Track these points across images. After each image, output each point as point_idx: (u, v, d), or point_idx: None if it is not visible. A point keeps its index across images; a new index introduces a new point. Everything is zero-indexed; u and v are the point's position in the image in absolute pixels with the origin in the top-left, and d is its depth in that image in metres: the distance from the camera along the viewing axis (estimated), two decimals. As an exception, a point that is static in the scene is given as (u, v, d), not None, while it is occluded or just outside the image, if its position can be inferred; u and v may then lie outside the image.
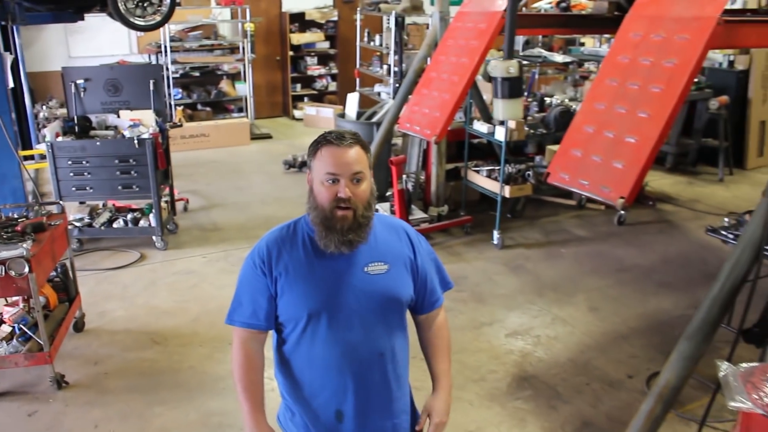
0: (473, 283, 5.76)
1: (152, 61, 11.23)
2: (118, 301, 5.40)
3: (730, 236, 4.57)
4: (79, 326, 4.89)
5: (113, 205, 6.69)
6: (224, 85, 11.89)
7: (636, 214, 7.66)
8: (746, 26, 3.71)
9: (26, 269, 3.85)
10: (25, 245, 3.91)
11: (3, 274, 3.83)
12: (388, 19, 9.98)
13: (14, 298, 4.47)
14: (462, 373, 4.39)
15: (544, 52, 7.37)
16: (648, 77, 3.46)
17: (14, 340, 4.23)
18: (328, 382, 2.16)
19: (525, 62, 7.04)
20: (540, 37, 9.79)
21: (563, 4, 5.90)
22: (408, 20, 9.86)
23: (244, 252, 6.30)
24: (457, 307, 5.28)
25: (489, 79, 7.51)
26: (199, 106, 11.68)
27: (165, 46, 10.85)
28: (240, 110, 12.06)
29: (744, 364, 2.87)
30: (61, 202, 4.81)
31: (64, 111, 10.50)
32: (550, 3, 6.68)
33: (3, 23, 6.28)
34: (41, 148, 6.83)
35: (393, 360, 2.20)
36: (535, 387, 4.29)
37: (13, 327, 4.30)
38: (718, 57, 10.46)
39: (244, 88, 11.80)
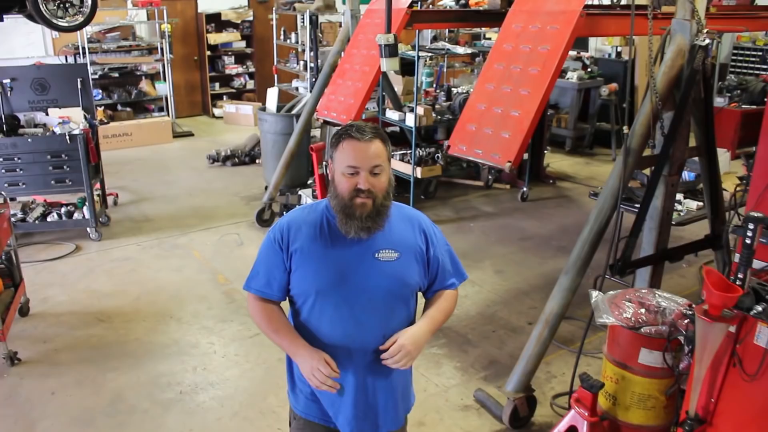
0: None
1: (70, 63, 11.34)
2: (58, 287, 5.71)
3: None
4: (24, 311, 5.20)
5: (44, 200, 6.95)
6: (144, 85, 12.10)
7: (538, 192, 8.41)
8: (604, 18, 4.41)
9: (-20, 252, 4.18)
10: (-23, 230, 4.24)
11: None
12: (303, 18, 10.45)
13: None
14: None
15: (448, 45, 8.01)
16: (527, 61, 4.10)
17: (-34, 322, 4.54)
18: (334, 356, 2.26)
19: (429, 54, 7.66)
20: (447, 32, 10.49)
21: (462, 2, 6.53)
22: (322, 19, 10.37)
23: (177, 239, 6.82)
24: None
25: (403, 72, 8.14)
26: (119, 107, 11.84)
27: (83, 48, 10.99)
28: (161, 110, 12.28)
29: (610, 292, 3.55)
30: (2, 193, 5.08)
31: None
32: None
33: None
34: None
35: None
36: (448, 336, 4.88)
37: (-37, 310, 4.60)
38: (607, 48, 11.40)
39: (164, 88, 12.05)
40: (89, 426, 3.90)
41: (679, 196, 5.22)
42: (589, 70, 10.58)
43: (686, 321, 3.10)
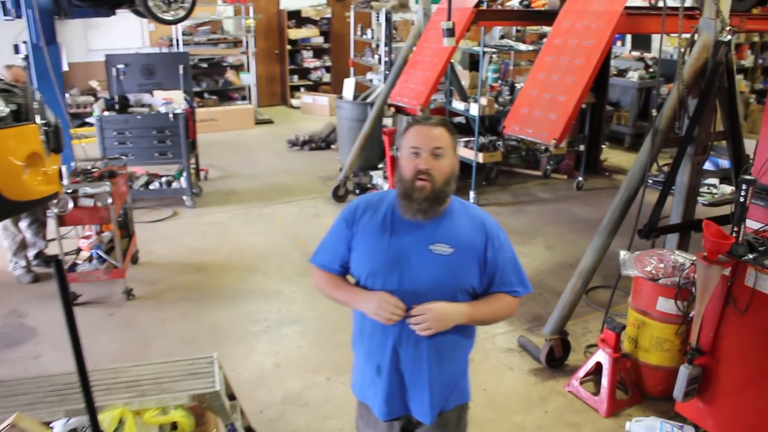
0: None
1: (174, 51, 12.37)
2: (161, 243, 6.61)
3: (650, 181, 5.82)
4: (135, 259, 6.10)
5: (146, 172, 7.90)
6: (230, 75, 13.10)
7: (593, 182, 8.94)
8: (643, 17, 5.00)
9: (109, 201, 5.06)
10: (107, 184, 5.13)
11: (92, 205, 5.05)
12: (378, 15, 11.21)
13: (87, 233, 5.68)
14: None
15: (512, 43, 8.63)
16: (574, 54, 4.73)
17: (93, 262, 5.45)
18: (373, 337, 2.39)
19: (494, 51, 8.31)
20: (514, 31, 11.09)
21: (525, 2, 7.17)
22: (396, 17, 11.10)
23: (261, 209, 7.80)
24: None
25: (471, 67, 8.81)
26: (206, 95, 12.86)
27: (177, 40, 12.02)
28: (243, 98, 13.25)
29: (637, 252, 4.17)
30: (123, 157, 5.99)
31: (84, 98, 11.72)
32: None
33: (56, 17, 7.41)
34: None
35: (436, 337, 2.30)
36: (498, 296, 5.54)
37: (91, 253, 5.52)
38: (669, 49, 11.78)
39: (247, 78, 13.03)
40: (193, 346, 4.72)
41: (714, 181, 5.74)
42: (650, 70, 11.01)
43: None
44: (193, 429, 3.15)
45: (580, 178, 8.67)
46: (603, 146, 9.67)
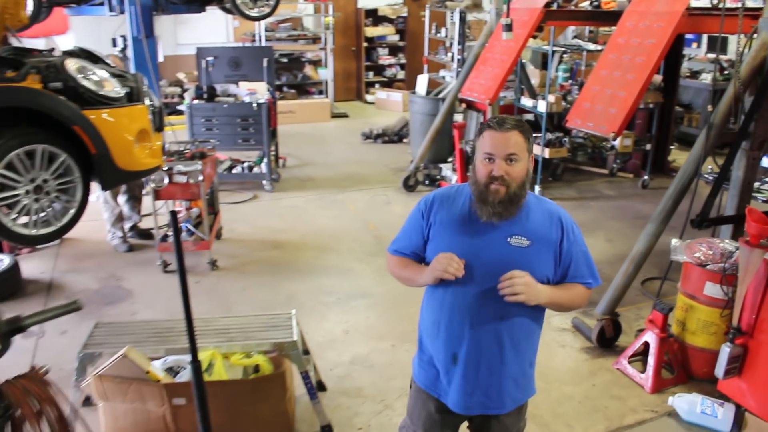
0: (515, 221, 7.31)
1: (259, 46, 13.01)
2: (242, 222, 7.14)
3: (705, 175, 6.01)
4: (219, 235, 6.64)
5: (228, 158, 8.47)
6: (308, 70, 13.67)
7: (660, 182, 9.04)
8: (705, 17, 5.20)
9: (200, 178, 5.58)
10: (198, 163, 5.65)
11: (184, 181, 5.58)
12: (452, 15, 11.55)
13: (178, 208, 6.24)
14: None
15: (581, 42, 8.85)
16: (636, 52, 4.99)
17: (182, 234, 5.99)
18: (451, 326, 2.43)
19: (563, 49, 8.57)
20: (587, 32, 11.26)
21: (594, 3, 7.40)
22: (469, 16, 11.42)
23: (335, 195, 8.25)
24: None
25: (543, 66, 9.07)
26: (285, 88, 13.46)
27: (259, 35, 12.64)
28: (320, 92, 13.81)
29: (688, 240, 4.41)
30: (212, 141, 6.53)
31: (172, 89, 12.45)
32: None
33: (154, 13, 8.03)
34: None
35: (511, 326, 2.38)
36: (555, 282, 5.83)
37: (181, 226, 6.06)
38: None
39: (325, 74, 13.58)
40: (271, 311, 5.19)
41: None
42: (725, 72, 11.00)
43: (739, 255, 3.94)
44: (273, 371, 3.60)
45: (646, 177, 8.81)
46: (671, 147, 9.76)
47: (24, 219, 3.78)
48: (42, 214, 3.87)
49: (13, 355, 1.90)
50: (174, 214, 2.64)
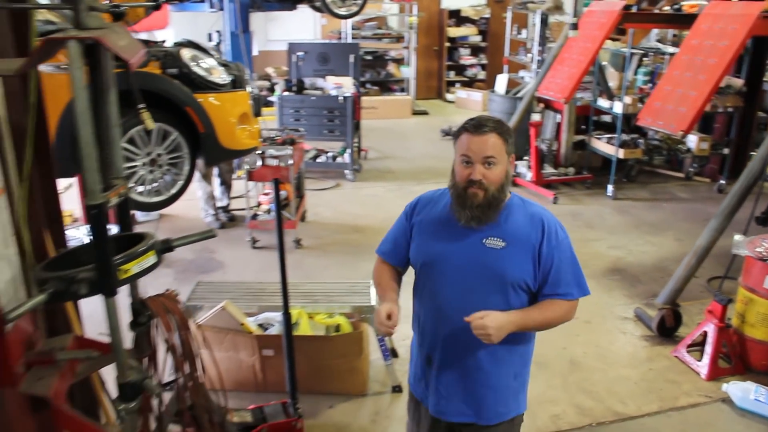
0: (586, 217, 7.53)
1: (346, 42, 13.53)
2: (324, 207, 7.61)
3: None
4: (303, 217, 7.11)
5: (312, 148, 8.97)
6: (391, 68, 14.10)
7: (736, 187, 9.06)
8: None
9: (290, 162, 6.06)
10: (289, 149, 6.13)
11: (275, 165, 6.06)
12: (534, 16, 11.76)
13: (267, 190, 6.74)
14: (570, 263, 6.21)
15: (660, 45, 8.94)
16: (708, 53, 5.18)
17: (271, 214, 6.49)
18: (427, 327, 2.43)
19: (641, 52, 8.69)
20: (671, 35, 11.27)
21: (676, 6, 7.53)
22: (551, 18, 11.59)
23: (413, 187, 8.66)
24: (570, 229, 7.06)
25: (621, 68, 9.20)
26: (368, 85, 13.92)
27: (345, 33, 13.15)
28: (402, 90, 14.22)
29: (750, 237, 4.60)
30: (300, 129, 7.02)
31: (261, 83, 13.07)
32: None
33: (250, 10, 8.61)
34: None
35: None
36: (622, 274, 6.04)
37: (269, 206, 6.56)
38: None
39: (407, 72, 13.99)
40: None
41: None
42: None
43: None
44: (351, 331, 4.01)
45: (722, 182, 8.83)
46: (752, 153, 9.71)
47: (140, 188, 4.32)
48: (155, 184, 4.40)
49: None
50: (277, 181, 3.06)
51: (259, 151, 5.99)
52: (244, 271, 5.89)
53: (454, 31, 14.80)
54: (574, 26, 6.35)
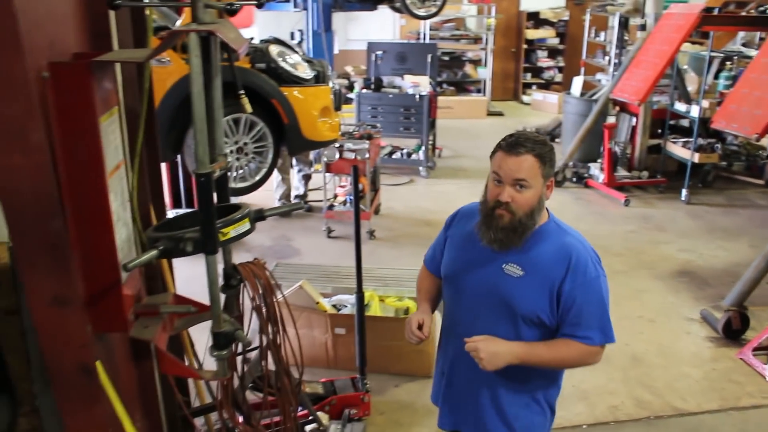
0: (658, 220, 7.52)
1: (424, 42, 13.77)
2: (397, 202, 7.85)
3: None
4: (377, 210, 7.37)
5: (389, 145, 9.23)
6: (468, 68, 14.26)
7: (819, 198, 8.86)
8: None
9: (367, 156, 6.32)
10: (366, 143, 6.39)
11: (353, 158, 6.33)
12: (613, 19, 11.70)
13: (343, 183, 7.02)
14: (638, 263, 6.27)
15: (742, 49, 8.82)
16: (787, 57, 5.18)
17: (346, 205, 6.77)
18: (443, 340, 2.48)
19: (722, 55, 8.60)
20: (757, 38, 11.04)
21: (761, 8, 7.44)
22: (631, 20, 11.53)
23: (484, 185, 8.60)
24: (640, 231, 7.12)
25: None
26: (445, 85, 14.11)
27: (424, 34, 13.37)
28: (478, 91, 14.35)
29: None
30: (378, 125, 7.28)
31: (339, 81, 13.41)
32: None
33: (332, 9, 8.93)
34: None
35: None
36: (691, 276, 6.06)
37: (345, 198, 6.85)
38: None
39: (483, 73, 14.11)
40: (420, 278, 5.83)
41: None
42: None
43: None
44: (420, 315, 4.22)
45: (801, 189, 8.66)
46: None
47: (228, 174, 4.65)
48: (240, 171, 4.73)
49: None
50: (356, 168, 3.30)
51: (338, 145, 6.27)
52: (319, 258, 6.17)
53: (532, 33, 14.82)
54: (643, 27, 6.39)
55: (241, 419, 2.66)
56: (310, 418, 3.52)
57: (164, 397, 2.91)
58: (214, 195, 1.97)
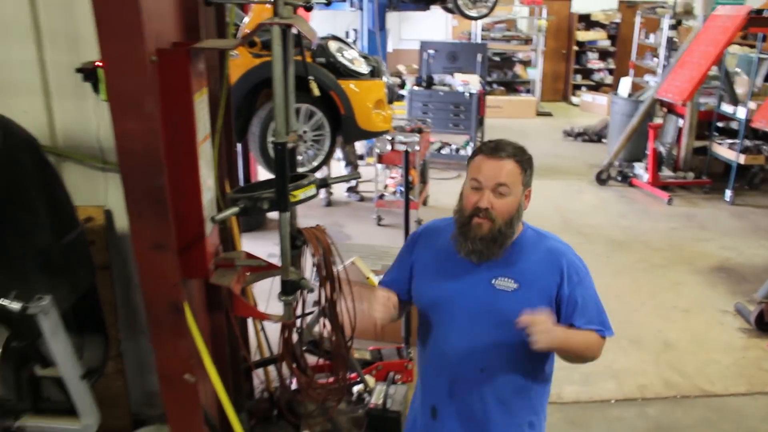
0: (700, 219, 7.67)
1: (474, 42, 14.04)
2: (446, 195, 8.14)
3: None
4: (425, 201, 7.69)
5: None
6: (518, 69, 14.48)
7: None
8: None
9: (417, 148, 6.65)
10: (417, 136, 6.73)
11: (403, 150, 6.67)
12: (665, 20, 11.80)
13: (393, 174, 7.37)
14: (677, 258, 6.46)
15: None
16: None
17: (396, 195, 7.11)
18: (431, 375, 2.23)
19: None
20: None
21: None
22: (685, 22, 11.61)
23: (533, 182, 8.88)
24: (682, 229, 7.29)
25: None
26: (495, 85, 14.35)
27: (475, 35, 13.63)
28: (528, 91, 14.55)
29: None
30: (428, 120, 7.61)
31: (392, 80, 13.76)
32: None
33: (387, 9, 9.28)
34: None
35: (496, 380, 2.11)
36: (728, 272, 6.22)
37: (395, 189, 7.19)
38: None
39: (533, 74, 14.32)
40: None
41: None
42: None
43: None
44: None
45: None
46: None
47: (287, 160, 5.04)
48: (300, 158, 5.10)
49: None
50: (407, 154, 3.64)
51: (389, 137, 6.62)
52: (364, 243, 6.53)
53: (583, 35, 14.95)
54: (673, 27, 6.54)
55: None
56: (359, 379, 3.87)
57: (230, 348, 3.30)
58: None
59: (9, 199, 2.21)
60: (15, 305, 2.08)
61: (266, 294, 3.12)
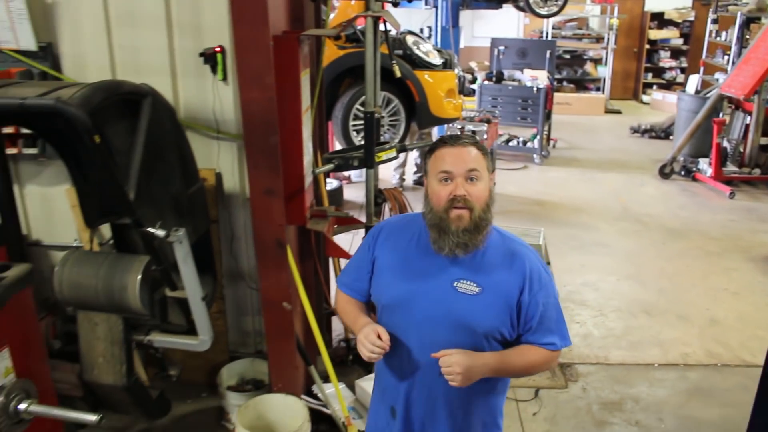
0: (761, 213, 7.83)
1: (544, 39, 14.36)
2: (511, 184, 8.59)
3: None
4: (491, 190, 8.14)
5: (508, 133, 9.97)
6: (588, 67, 14.71)
7: None
8: None
9: (485, 137, 7.12)
10: (485, 126, 7.19)
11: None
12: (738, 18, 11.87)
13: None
14: (732, 247, 6.72)
15: None
16: None
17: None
18: (388, 375, 2.20)
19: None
20: None
21: None
22: (764, 19, 11.66)
23: (595, 174, 9.48)
24: (741, 221, 7.52)
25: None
26: (565, 82, 14.62)
27: (546, 33, 13.95)
28: (597, 89, 14.76)
29: None
30: (496, 113, 8.06)
31: (465, 74, 14.21)
32: None
33: (460, 8, 9.76)
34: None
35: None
36: (754, 261, 6.45)
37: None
38: None
39: (603, 71, 14.53)
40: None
41: None
42: None
43: None
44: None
45: None
46: None
47: (365, 142, 5.60)
48: (377, 140, 5.66)
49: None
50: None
51: (459, 126, 7.10)
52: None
53: (655, 34, 15.04)
54: (747, 23, 6.77)
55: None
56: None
57: (317, 296, 3.88)
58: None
59: (155, 152, 2.82)
60: (160, 232, 2.68)
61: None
